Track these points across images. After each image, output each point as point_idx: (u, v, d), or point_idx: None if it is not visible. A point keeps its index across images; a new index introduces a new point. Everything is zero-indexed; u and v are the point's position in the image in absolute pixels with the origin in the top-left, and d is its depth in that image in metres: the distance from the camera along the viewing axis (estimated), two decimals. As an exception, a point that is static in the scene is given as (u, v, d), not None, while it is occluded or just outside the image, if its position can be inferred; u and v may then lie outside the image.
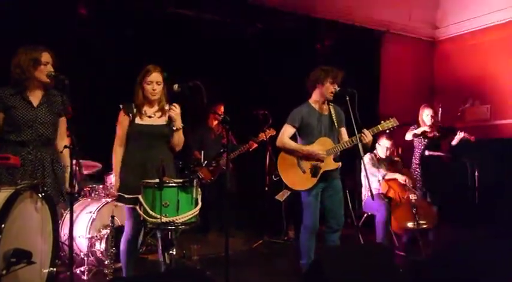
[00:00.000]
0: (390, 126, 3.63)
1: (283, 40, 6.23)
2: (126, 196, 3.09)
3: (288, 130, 3.73)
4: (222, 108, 5.40)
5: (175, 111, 3.18)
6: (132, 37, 5.35)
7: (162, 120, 3.23)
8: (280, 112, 4.24)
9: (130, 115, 3.17)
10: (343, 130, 3.80)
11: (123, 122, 3.20)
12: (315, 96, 3.75)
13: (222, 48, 6.01)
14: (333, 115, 3.73)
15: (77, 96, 3.06)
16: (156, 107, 3.23)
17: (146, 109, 3.20)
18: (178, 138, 3.28)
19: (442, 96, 7.35)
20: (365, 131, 3.57)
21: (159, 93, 3.18)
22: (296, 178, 3.67)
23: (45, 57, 2.91)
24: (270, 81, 6.11)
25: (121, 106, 3.21)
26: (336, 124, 3.72)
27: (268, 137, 5.21)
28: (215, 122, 5.62)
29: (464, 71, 7.17)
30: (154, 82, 3.14)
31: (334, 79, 3.62)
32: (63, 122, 3.08)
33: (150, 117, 3.19)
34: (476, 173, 5.94)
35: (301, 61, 5.61)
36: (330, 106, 3.76)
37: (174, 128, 3.22)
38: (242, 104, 5.75)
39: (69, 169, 2.90)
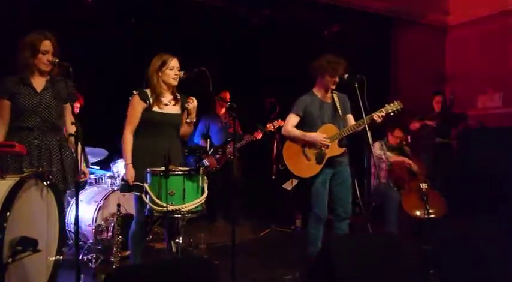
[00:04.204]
0: (395, 109, 3.59)
1: (290, 27, 6.13)
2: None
3: (292, 119, 3.71)
4: (228, 95, 5.35)
5: (193, 104, 3.13)
6: (137, 24, 5.29)
7: (177, 109, 3.20)
8: (287, 100, 4.18)
9: (148, 102, 3.09)
10: (349, 117, 3.77)
11: (137, 109, 3.09)
12: (318, 85, 3.73)
13: (228, 35, 5.94)
14: (337, 103, 3.70)
15: (81, 83, 3.04)
16: (170, 95, 3.19)
17: (162, 97, 3.14)
18: (189, 130, 3.29)
19: (453, 83, 7.24)
20: (374, 115, 3.53)
21: (178, 79, 3.15)
22: (301, 166, 3.66)
23: (45, 45, 2.88)
24: (277, 69, 6.03)
25: (134, 92, 3.11)
26: (339, 111, 3.68)
27: (276, 127, 5.17)
28: (222, 110, 5.57)
29: (476, 58, 7.06)
30: (175, 67, 3.13)
31: (333, 71, 3.56)
32: (67, 108, 3.05)
33: (166, 105, 3.15)
34: (486, 161, 5.83)
35: (308, 48, 5.51)
36: (334, 94, 3.73)
37: (188, 121, 3.20)
38: (249, 92, 5.69)
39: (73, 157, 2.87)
